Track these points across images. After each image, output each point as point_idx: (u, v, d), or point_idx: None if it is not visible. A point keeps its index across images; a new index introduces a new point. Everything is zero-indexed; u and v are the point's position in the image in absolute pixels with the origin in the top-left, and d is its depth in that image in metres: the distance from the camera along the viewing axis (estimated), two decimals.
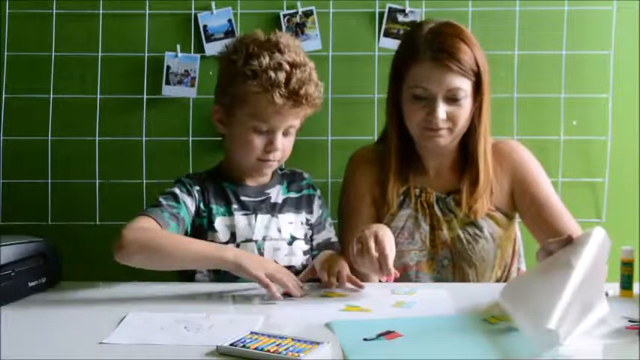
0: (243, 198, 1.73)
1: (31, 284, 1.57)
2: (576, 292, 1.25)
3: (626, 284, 1.54)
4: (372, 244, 1.51)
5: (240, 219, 1.70)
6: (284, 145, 1.69)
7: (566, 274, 1.28)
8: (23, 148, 2.25)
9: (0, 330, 1.29)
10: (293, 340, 1.22)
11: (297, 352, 1.17)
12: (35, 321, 1.40)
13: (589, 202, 2.27)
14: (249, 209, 1.72)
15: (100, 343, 1.25)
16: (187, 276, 1.71)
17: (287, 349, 1.19)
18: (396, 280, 1.56)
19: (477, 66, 1.71)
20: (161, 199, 1.67)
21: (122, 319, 1.37)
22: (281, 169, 1.82)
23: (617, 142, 2.27)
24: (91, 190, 2.26)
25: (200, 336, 1.29)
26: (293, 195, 1.79)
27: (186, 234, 1.68)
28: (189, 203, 1.69)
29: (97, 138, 2.25)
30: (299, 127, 1.74)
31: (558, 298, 1.23)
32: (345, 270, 1.62)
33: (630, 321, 1.34)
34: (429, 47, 1.69)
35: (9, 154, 2.25)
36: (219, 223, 1.70)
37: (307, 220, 1.78)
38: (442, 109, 1.69)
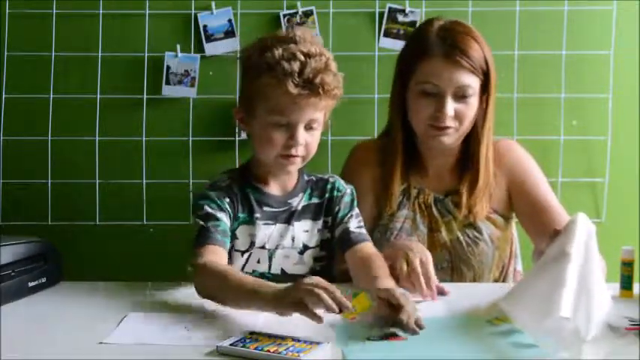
0: (265, 208, 1.69)
1: (31, 284, 1.57)
2: (579, 277, 1.27)
3: (626, 284, 1.53)
4: (418, 266, 1.56)
5: (261, 228, 1.67)
6: (307, 140, 1.61)
7: (564, 262, 1.29)
8: (23, 148, 2.25)
9: (0, 330, 1.29)
10: (293, 340, 1.22)
11: (297, 352, 1.17)
12: (35, 321, 1.40)
13: (589, 202, 2.28)
14: (271, 219, 1.69)
15: (100, 343, 1.25)
16: None
17: (287, 349, 1.18)
18: None
19: (487, 65, 1.71)
20: (203, 224, 1.60)
21: (122, 319, 1.37)
22: (308, 174, 1.77)
23: (617, 142, 2.27)
24: (91, 190, 2.26)
25: (200, 336, 1.28)
26: (315, 201, 1.73)
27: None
28: (225, 219, 1.64)
29: (97, 138, 2.25)
30: (324, 124, 1.69)
31: (562, 285, 1.24)
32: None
33: (630, 321, 1.34)
34: (440, 43, 1.69)
35: (9, 154, 2.25)
36: (241, 231, 1.66)
37: (326, 223, 1.74)
38: (451, 106, 1.69)
